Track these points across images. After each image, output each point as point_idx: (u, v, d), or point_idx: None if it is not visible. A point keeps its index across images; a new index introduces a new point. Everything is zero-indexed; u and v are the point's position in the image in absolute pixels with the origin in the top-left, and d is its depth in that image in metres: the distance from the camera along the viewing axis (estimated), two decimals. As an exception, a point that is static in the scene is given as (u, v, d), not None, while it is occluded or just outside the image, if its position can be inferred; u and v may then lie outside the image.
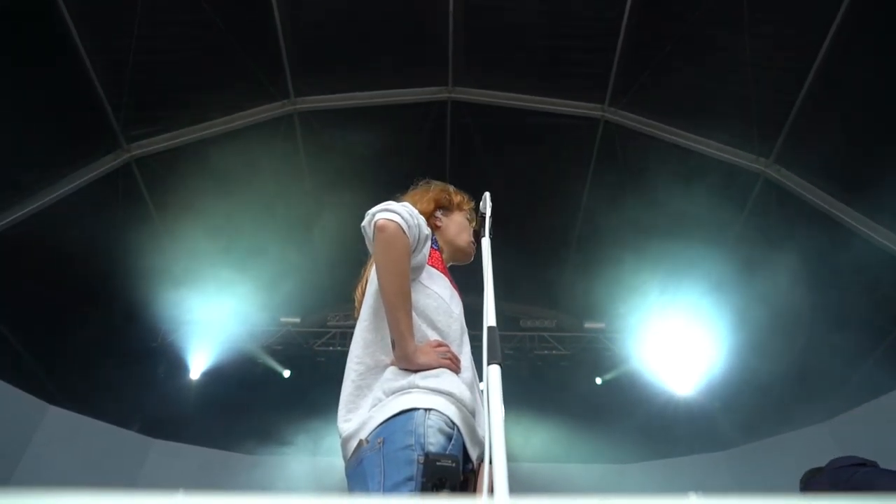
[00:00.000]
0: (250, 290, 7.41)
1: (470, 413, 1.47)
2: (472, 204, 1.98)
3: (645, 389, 8.17)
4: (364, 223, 1.61)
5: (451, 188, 2.06)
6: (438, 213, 1.95)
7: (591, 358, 8.68)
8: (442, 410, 1.39)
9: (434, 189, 2.01)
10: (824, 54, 5.22)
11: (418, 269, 1.66)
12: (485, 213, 1.77)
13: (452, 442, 1.36)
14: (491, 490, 0.94)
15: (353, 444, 1.43)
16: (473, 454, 1.43)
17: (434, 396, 1.42)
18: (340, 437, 1.49)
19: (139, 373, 7.53)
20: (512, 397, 1.20)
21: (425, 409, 1.38)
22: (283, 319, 8.71)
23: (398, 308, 1.50)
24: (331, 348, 8.53)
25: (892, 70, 4.85)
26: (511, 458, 0.94)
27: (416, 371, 1.48)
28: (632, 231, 7.04)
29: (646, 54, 6.22)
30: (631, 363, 8.33)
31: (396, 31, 6.37)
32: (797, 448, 6.15)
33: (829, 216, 5.86)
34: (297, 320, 8.80)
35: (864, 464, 2.93)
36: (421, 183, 2.05)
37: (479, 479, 1.41)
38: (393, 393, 1.45)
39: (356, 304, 1.79)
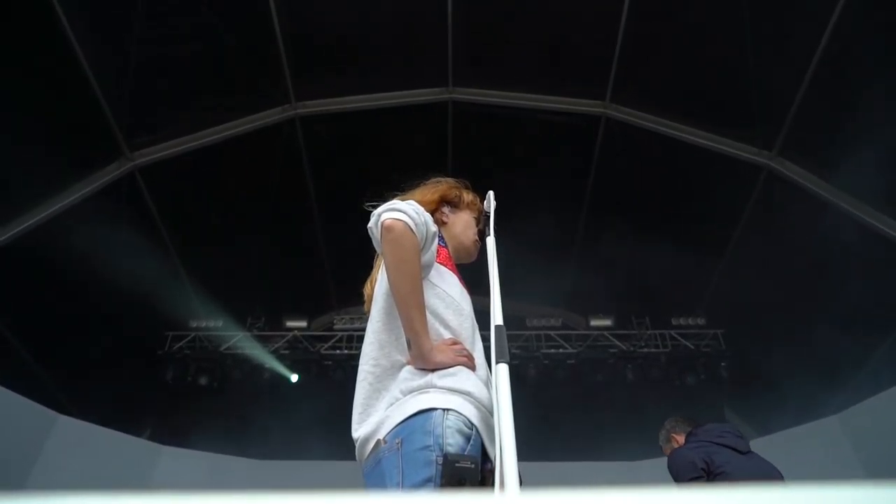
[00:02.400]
0: (256, 295, 7.42)
1: (488, 412, 1.45)
2: (483, 205, 1.91)
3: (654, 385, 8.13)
4: (370, 224, 1.58)
5: (463, 185, 2.00)
6: (445, 209, 1.91)
7: (597, 355, 8.66)
8: (460, 411, 1.37)
9: (443, 185, 1.95)
10: (825, 45, 5.20)
11: (427, 268, 1.63)
12: (488, 212, 1.76)
13: (471, 442, 1.34)
14: (501, 485, 0.93)
15: (371, 444, 1.41)
16: (492, 453, 1.40)
17: (452, 396, 1.40)
18: (357, 439, 1.47)
19: (147, 381, 7.55)
20: (520, 396, 1.19)
21: (444, 410, 1.36)
22: (290, 324, 8.71)
23: (412, 307, 1.47)
24: (338, 351, 8.51)
25: (895, 59, 4.83)
26: (521, 456, 0.94)
27: (433, 370, 1.46)
28: (635, 226, 7.03)
29: (646, 50, 6.21)
30: (639, 358, 8.30)
31: (396, 33, 6.38)
32: (809, 441, 6.11)
33: (833, 208, 5.83)
34: (304, 324, 8.79)
35: (733, 448, 2.79)
36: (431, 181, 1.98)
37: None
38: (410, 392, 1.43)
39: (366, 299, 1.78)
